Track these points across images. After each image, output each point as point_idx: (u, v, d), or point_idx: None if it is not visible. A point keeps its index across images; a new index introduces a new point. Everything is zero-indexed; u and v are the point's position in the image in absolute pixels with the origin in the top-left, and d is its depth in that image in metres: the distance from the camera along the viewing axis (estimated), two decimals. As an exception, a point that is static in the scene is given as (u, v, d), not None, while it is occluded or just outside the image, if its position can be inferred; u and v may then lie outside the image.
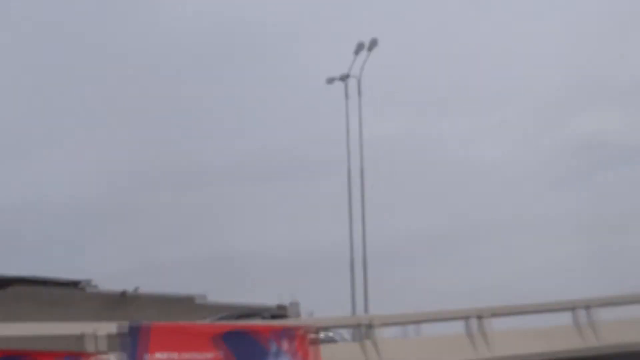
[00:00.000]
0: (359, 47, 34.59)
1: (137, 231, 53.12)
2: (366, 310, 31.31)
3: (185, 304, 28.63)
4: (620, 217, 59.39)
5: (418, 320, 21.46)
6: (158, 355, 16.84)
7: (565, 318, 21.97)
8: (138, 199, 58.61)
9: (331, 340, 22.16)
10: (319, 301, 31.07)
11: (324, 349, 19.01)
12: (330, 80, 35.32)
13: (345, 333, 23.43)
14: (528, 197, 65.58)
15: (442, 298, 34.80)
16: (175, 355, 16.97)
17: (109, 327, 17.12)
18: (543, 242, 59.39)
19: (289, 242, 56.04)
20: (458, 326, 21.08)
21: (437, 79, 67.96)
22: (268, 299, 30.46)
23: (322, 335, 20.39)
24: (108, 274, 33.69)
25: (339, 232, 35.57)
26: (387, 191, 47.47)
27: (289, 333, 18.55)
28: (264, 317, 24.55)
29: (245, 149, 62.06)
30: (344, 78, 35.13)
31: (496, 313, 20.83)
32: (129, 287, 28.55)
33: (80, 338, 16.54)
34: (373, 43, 34.41)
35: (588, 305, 21.30)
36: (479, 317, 20.34)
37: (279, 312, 27.56)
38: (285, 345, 18.26)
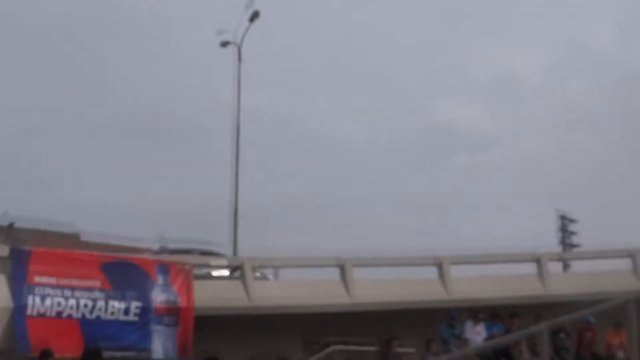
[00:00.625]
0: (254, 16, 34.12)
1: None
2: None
3: (69, 240, 28.39)
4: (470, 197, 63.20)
5: (288, 265, 22.69)
6: (37, 279, 17.19)
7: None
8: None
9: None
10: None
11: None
12: (224, 44, 34.79)
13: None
14: (387, 175, 68.24)
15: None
16: (53, 280, 17.34)
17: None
18: (395, 216, 62.91)
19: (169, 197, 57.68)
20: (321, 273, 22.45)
21: (312, 58, 70.61)
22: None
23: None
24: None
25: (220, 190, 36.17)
26: (258, 159, 48.36)
27: (169, 268, 19.19)
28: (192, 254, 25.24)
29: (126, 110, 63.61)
30: (225, 45, 34.79)
31: (358, 264, 21.88)
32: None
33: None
34: (255, 15, 34.06)
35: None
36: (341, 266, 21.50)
37: (209, 250, 27.65)
38: (169, 278, 18.91)
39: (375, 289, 21.21)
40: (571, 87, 78.31)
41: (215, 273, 22.72)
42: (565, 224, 44.98)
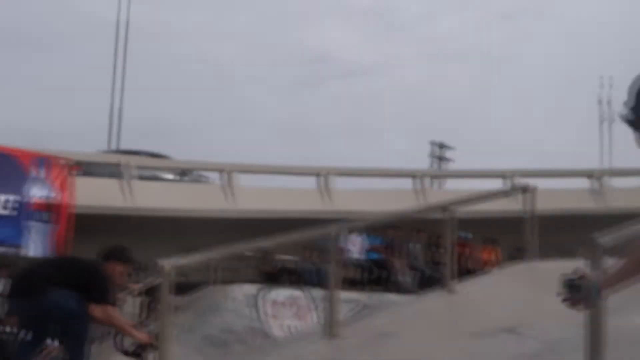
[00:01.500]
0: None
1: None
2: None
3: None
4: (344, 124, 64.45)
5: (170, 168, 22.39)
6: None
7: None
8: None
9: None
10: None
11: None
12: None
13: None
14: (257, 99, 68.79)
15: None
16: None
17: None
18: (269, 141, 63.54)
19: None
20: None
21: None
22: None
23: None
24: None
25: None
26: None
27: (48, 162, 18.67)
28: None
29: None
30: None
31: (242, 170, 21.88)
32: None
33: None
34: None
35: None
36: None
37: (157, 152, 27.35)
38: (44, 172, 18.40)
39: (258, 197, 21.25)
40: (448, 19, 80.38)
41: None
42: (439, 151, 45.85)
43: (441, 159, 44.86)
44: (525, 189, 11.50)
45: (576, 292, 3.53)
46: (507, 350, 6.24)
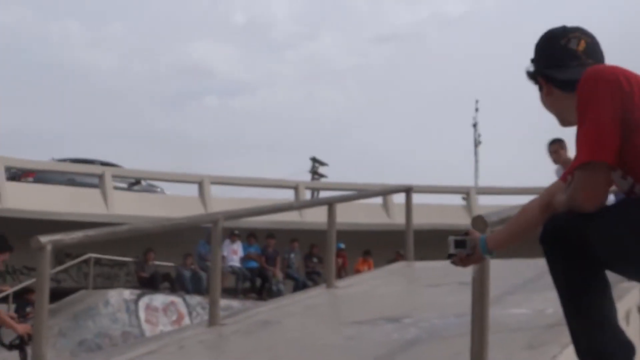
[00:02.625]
0: None
1: None
2: None
3: None
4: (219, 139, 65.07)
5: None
6: None
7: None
8: None
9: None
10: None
11: None
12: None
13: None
14: (137, 110, 68.46)
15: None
16: None
17: None
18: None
19: None
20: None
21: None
22: None
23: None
24: None
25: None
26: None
27: None
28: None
29: None
30: None
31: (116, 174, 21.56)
32: None
33: None
34: None
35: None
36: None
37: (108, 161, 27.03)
38: None
39: (135, 203, 21.10)
40: (324, 40, 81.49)
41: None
42: (315, 166, 46.32)
43: (315, 173, 45.30)
44: (408, 189, 11.77)
45: (463, 247, 3.67)
46: (388, 336, 6.33)
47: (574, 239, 3.03)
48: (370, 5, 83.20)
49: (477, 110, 38.98)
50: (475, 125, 38.36)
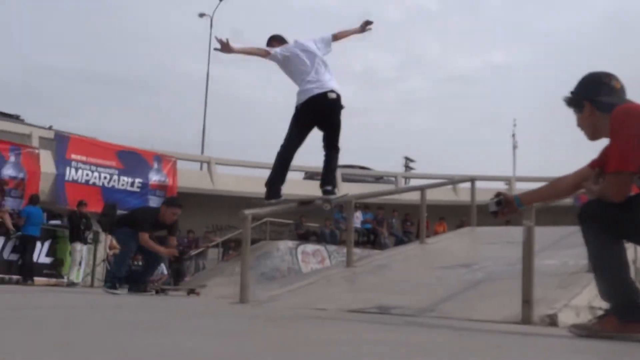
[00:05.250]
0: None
1: None
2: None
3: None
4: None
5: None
6: (74, 156, 16.73)
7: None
8: None
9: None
10: None
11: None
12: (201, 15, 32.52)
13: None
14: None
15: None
16: (84, 158, 16.90)
17: (43, 132, 16.85)
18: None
19: None
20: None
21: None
22: None
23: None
24: None
25: None
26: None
27: (161, 158, 18.80)
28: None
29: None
30: (202, 15, 31.88)
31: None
32: None
33: (29, 136, 16.25)
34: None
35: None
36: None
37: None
38: (162, 165, 18.56)
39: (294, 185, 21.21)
40: (413, 80, 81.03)
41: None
42: (407, 162, 46.23)
43: (407, 167, 45.15)
44: (473, 179, 11.66)
45: (501, 205, 3.68)
46: (462, 277, 6.27)
47: (604, 219, 3.05)
48: (441, 57, 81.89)
49: (514, 125, 38.92)
50: (513, 135, 38.03)
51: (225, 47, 6.37)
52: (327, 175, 6.91)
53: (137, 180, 17.88)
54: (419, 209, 10.02)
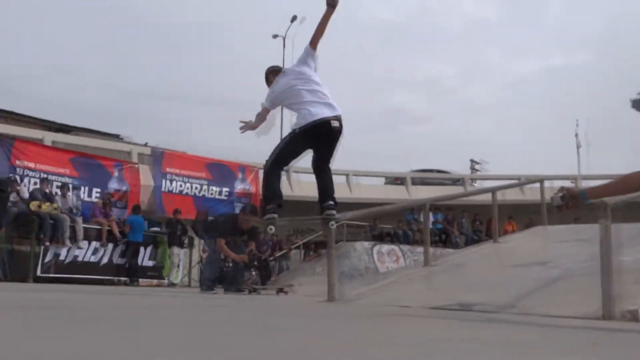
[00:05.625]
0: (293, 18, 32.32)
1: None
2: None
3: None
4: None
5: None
6: (168, 169, 17.27)
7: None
8: None
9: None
10: None
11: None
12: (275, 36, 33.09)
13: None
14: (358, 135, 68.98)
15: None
16: (177, 171, 17.42)
17: (141, 149, 17.47)
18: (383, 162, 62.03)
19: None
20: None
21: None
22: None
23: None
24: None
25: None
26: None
27: (244, 168, 19.19)
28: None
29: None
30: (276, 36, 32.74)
31: (358, 174, 21.41)
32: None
33: (129, 153, 16.92)
34: (303, 19, 32.13)
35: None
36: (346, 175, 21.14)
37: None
38: (246, 175, 18.97)
39: (370, 189, 21.30)
40: (474, 87, 79.89)
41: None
42: (472, 164, 45.67)
43: (473, 169, 44.49)
44: (542, 180, 11.43)
45: (564, 199, 3.61)
46: (537, 274, 6.18)
47: None
48: (500, 64, 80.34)
49: (577, 125, 37.94)
50: (576, 135, 36.99)
51: (250, 126, 6.10)
52: (326, 190, 6.19)
53: (224, 189, 18.29)
54: (487, 209, 9.91)
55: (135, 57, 69.06)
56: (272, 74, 6.26)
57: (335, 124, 5.81)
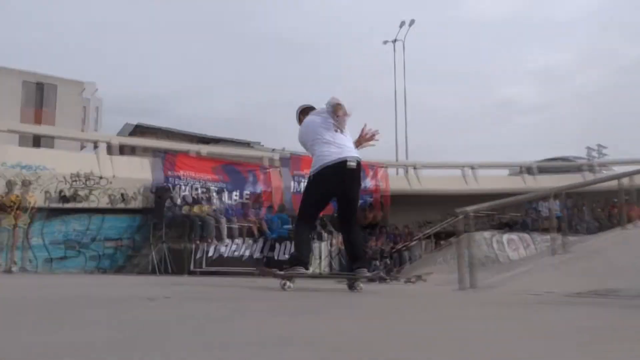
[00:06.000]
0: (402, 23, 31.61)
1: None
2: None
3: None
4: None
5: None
6: (295, 172, 17.56)
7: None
8: None
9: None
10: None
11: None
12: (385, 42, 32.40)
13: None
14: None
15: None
16: (304, 172, 17.70)
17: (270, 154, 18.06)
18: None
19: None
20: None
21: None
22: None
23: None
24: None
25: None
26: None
27: (373, 167, 19.31)
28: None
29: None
30: (386, 42, 32.36)
31: (482, 166, 20.85)
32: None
33: (261, 159, 17.53)
34: (412, 21, 31.52)
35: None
36: (471, 167, 20.68)
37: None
38: (373, 173, 19.11)
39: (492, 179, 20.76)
40: (587, 74, 75.59)
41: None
42: (589, 151, 43.03)
43: (599, 154, 42.00)
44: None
45: None
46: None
47: None
48: (610, 49, 75.08)
49: None
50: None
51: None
52: (355, 254, 5.52)
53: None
54: (609, 195, 9.35)
55: (260, 73, 71.65)
56: (303, 114, 5.73)
57: (351, 164, 5.28)
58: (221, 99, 67.99)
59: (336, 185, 5.29)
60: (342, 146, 5.30)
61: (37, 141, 25.00)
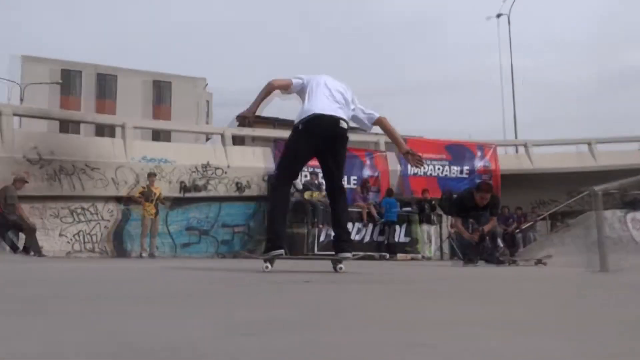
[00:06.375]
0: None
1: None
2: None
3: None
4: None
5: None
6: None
7: None
8: None
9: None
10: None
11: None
12: (489, 18, 31.59)
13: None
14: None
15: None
16: (420, 154, 17.61)
17: (386, 138, 17.96)
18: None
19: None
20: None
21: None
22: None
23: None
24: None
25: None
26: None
27: (486, 147, 18.89)
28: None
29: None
30: (488, 18, 31.55)
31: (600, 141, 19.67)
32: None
33: (376, 143, 17.58)
34: None
35: None
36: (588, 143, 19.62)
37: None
38: (484, 153, 18.69)
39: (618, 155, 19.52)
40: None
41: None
42: None
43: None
44: None
45: None
46: None
47: None
48: None
49: None
50: None
51: (248, 113, 5.11)
52: (341, 234, 5.05)
53: (465, 167, 18.14)
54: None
55: (362, 61, 71.53)
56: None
57: (343, 124, 4.93)
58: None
59: (328, 140, 4.90)
60: (334, 108, 4.96)
61: (156, 135, 26.53)
